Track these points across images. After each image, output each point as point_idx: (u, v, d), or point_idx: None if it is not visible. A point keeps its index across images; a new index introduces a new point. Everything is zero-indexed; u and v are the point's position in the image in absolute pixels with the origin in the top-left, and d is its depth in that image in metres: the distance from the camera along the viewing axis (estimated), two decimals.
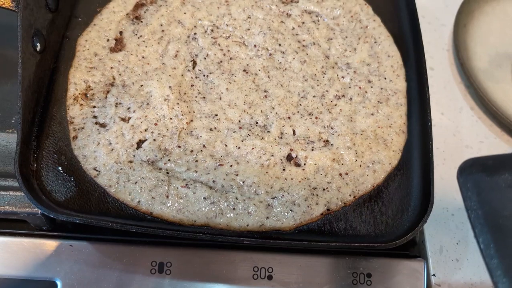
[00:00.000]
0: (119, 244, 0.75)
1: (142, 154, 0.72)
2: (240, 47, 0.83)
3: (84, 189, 0.71)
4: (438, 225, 0.80)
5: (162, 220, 0.69)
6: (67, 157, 0.73)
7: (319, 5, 0.89)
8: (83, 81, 0.78)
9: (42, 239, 0.75)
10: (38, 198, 0.68)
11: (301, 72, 0.81)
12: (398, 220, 0.72)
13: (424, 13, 1.03)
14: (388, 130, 0.77)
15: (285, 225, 0.69)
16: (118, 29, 0.84)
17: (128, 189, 0.70)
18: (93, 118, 0.75)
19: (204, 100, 0.78)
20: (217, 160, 0.73)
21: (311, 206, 0.70)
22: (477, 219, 0.51)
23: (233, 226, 0.68)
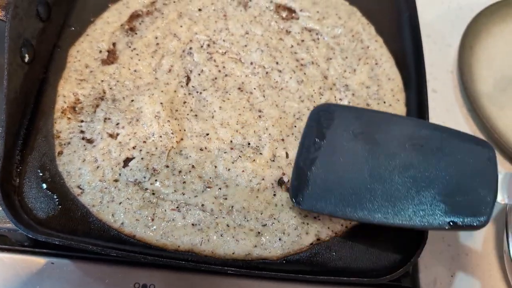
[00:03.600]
0: (102, 264, 0.72)
1: (129, 174, 0.70)
2: (236, 64, 0.81)
3: (67, 207, 0.69)
4: (433, 255, 0.78)
5: (145, 243, 0.66)
6: (51, 173, 0.70)
7: (320, 22, 0.86)
8: (72, 94, 0.76)
9: (23, 255, 0.73)
10: (18, 216, 0.66)
11: (297, 93, 0.79)
12: (390, 254, 0.69)
13: (429, 32, 1.00)
14: None
15: (272, 255, 0.66)
16: (111, 41, 0.82)
17: (112, 210, 0.68)
18: (80, 133, 0.73)
19: (196, 118, 0.75)
20: (206, 182, 0.70)
21: (300, 236, 0.67)
22: None
23: (218, 253, 0.66)
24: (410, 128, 0.67)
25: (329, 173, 0.65)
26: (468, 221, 0.59)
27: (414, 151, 0.65)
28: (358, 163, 0.65)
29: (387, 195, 0.63)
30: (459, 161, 0.63)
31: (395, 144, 0.65)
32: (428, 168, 0.63)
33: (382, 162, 0.64)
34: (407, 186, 0.63)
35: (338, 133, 0.67)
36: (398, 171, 0.64)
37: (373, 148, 0.66)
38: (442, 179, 0.62)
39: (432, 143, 0.65)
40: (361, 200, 0.63)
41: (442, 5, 1.06)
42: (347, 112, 0.70)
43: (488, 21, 0.98)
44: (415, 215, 0.61)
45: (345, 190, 0.64)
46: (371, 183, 0.64)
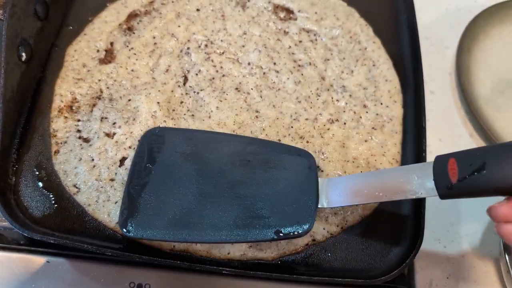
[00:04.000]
0: (98, 263, 0.72)
1: (125, 173, 0.70)
2: (233, 64, 0.81)
3: (63, 206, 0.69)
4: (428, 257, 0.77)
5: (141, 243, 0.66)
6: (47, 172, 0.70)
7: (318, 23, 0.86)
8: (69, 93, 0.76)
9: (19, 253, 0.72)
10: (14, 214, 0.66)
11: (294, 93, 0.79)
12: (386, 254, 0.69)
13: (428, 34, 1.00)
14: (381, 158, 0.74)
15: (267, 255, 0.66)
16: (109, 40, 0.82)
17: (108, 209, 0.68)
18: (77, 132, 0.73)
19: (192, 118, 0.75)
20: None
21: None
22: None
23: (213, 253, 0.66)
24: (238, 145, 0.68)
25: (159, 198, 0.64)
26: (293, 229, 0.61)
27: (242, 167, 0.66)
28: (187, 185, 0.65)
29: (218, 213, 0.62)
30: (284, 172, 0.66)
31: (224, 162, 0.66)
32: (256, 182, 0.65)
33: (211, 181, 0.65)
34: (237, 202, 0.63)
35: (168, 156, 0.67)
36: (228, 188, 0.64)
37: (202, 167, 0.66)
38: (270, 192, 0.64)
39: (258, 158, 0.67)
40: (192, 222, 0.62)
41: (440, 7, 1.06)
42: (176, 134, 0.70)
43: (487, 23, 0.98)
44: (247, 230, 0.61)
45: (175, 213, 0.63)
46: (201, 204, 0.63)
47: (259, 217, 0.62)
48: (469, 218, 0.80)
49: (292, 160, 0.67)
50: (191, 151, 0.68)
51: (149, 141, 0.69)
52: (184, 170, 0.66)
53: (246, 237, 0.61)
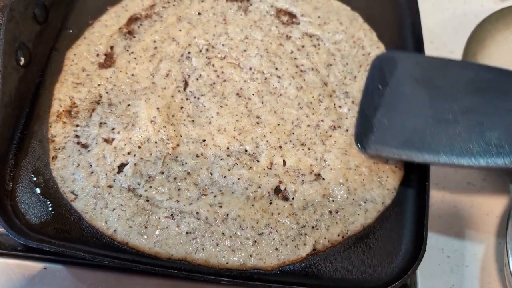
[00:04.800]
0: (95, 270, 0.72)
1: (123, 180, 0.69)
2: (235, 69, 0.80)
3: (60, 213, 0.68)
4: (432, 266, 0.76)
5: (138, 251, 0.65)
6: (45, 178, 0.70)
7: (321, 28, 0.85)
8: (68, 98, 0.75)
9: (16, 259, 0.72)
10: (10, 221, 0.65)
11: (296, 99, 0.78)
12: (388, 265, 0.67)
13: (433, 39, 0.99)
14: (384, 166, 0.73)
15: (267, 265, 0.65)
16: (109, 44, 0.81)
17: (105, 216, 0.67)
18: (75, 138, 0.72)
19: (192, 124, 0.74)
20: (201, 189, 0.69)
21: (298, 247, 0.66)
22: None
23: (212, 262, 0.65)
24: (472, 71, 0.68)
25: (393, 118, 0.67)
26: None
27: (476, 94, 0.66)
28: (421, 108, 0.66)
29: (451, 136, 0.63)
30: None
31: (457, 88, 0.67)
32: (492, 110, 0.64)
33: (445, 106, 0.65)
34: (470, 127, 0.63)
35: (400, 80, 0.69)
36: (461, 114, 0.64)
37: (435, 92, 0.67)
38: (506, 120, 0.63)
39: (495, 86, 0.66)
40: (426, 143, 0.64)
41: (446, 11, 1.04)
42: (408, 59, 0.72)
43: (493, 28, 0.96)
44: (480, 155, 0.61)
45: (409, 134, 0.65)
46: (435, 126, 0.65)
47: (496, 145, 0.61)
48: (473, 228, 0.79)
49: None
50: (423, 76, 0.69)
51: (380, 65, 0.72)
52: (417, 93, 0.67)
53: (480, 162, 0.61)
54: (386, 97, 0.69)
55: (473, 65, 0.71)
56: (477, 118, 0.64)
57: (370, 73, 0.73)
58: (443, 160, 0.63)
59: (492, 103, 0.64)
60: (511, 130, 0.62)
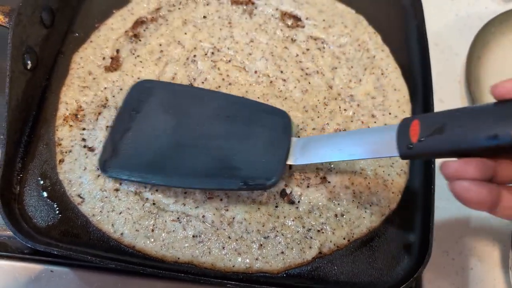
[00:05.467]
0: (102, 273, 0.72)
1: (129, 183, 0.69)
2: (240, 72, 0.80)
3: (67, 216, 0.68)
4: (437, 270, 0.76)
5: (145, 254, 0.66)
6: (52, 181, 0.70)
7: (326, 31, 0.85)
8: (74, 101, 0.75)
9: (23, 262, 0.72)
10: (18, 224, 0.65)
11: (301, 102, 0.78)
12: (393, 268, 0.68)
13: (437, 41, 0.99)
14: (389, 169, 0.73)
15: (273, 268, 0.66)
16: (115, 47, 0.81)
17: (112, 220, 0.67)
18: (82, 141, 0.73)
19: None
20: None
21: (304, 250, 0.66)
22: None
23: (218, 266, 0.65)
24: (219, 101, 0.72)
25: (139, 143, 0.69)
26: (259, 182, 0.64)
27: (221, 121, 0.70)
28: (167, 134, 0.69)
29: (192, 161, 0.67)
30: (260, 129, 0.69)
31: (204, 116, 0.70)
32: (232, 136, 0.68)
33: (190, 132, 0.69)
34: (211, 153, 0.67)
35: (152, 106, 0.71)
36: (204, 140, 0.68)
37: (183, 119, 0.70)
38: (244, 146, 0.67)
39: (238, 115, 0.70)
40: (168, 167, 0.67)
41: (450, 14, 1.04)
42: (163, 87, 0.75)
43: (497, 30, 0.96)
44: (217, 179, 0.66)
45: (153, 158, 0.67)
46: (178, 152, 0.68)
47: (231, 168, 0.65)
48: (478, 230, 0.79)
49: (270, 118, 0.70)
50: (174, 104, 0.72)
51: (138, 90, 0.74)
52: (166, 120, 0.70)
53: (215, 184, 0.66)
54: (136, 122, 0.70)
55: (220, 94, 0.75)
56: (218, 144, 0.68)
57: (126, 98, 0.73)
58: (180, 183, 0.67)
59: (233, 129, 0.69)
60: (247, 155, 0.67)
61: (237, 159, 0.66)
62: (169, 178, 0.66)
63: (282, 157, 0.66)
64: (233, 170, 0.65)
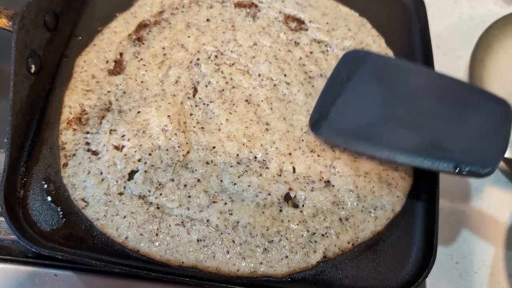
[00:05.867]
0: (106, 276, 0.72)
1: (133, 187, 0.69)
2: (243, 76, 0.80)
3: (71, 220, 0.68)
4: (441, 273, 0.76)
5: (149, 259, 0.66)
6: (56, 185, 0.70)
7: (329, 34, 0.85)
8: (78, 105, 0.75)
9: (27, 266, 0.72)
10: (22, 229, 0.65)
11: (305, 106, 0.78)
12: (398, 272, 0.68)
13: (439, 44, 0.99)
14: (393, 173, 0.73)
15: (277, 272, 0.65)
16: (119, 51, 0.81)
17: (116, 224, 0.67)
18: (86, 145, 0.72)
19: (202, 131, 0.74)
20: (211, 196, 0.69)
21: (308, 254, 0.66)
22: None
23: (223, 270, 0.65)
24: (435, 79, 0.71)
25: (349, 109, 0.70)
26: (473, 168, 0.63)
27: (435, 100, 0.69)
28: (378, 105, 0.69)
29: (402, 134, 0.67)
30: (476, 114, 0.67)
31: (417, 93, 0.70)
32: (446, 117, 0.67)
33: (402, 106, 0.69)
34: (423, 130, 0.66)
35: (364, 76, 0.72)
36: (416, 116, 0.68)
37: (395, 92, 0.70)
38: (458, 129, 0.66)
39: (453, 96, 0.68)
40: (377, 137, 0.67)
41: (453, 16, 1.04)
42: (376, 59, 0.74)
43: (500, 33, 0.96)
44: (425, 157, 0.65)
45: (361, 126, 0.68)
46: (387, 123, 0.68)
47: (443, 149, 0.64)
48: (482, 234, 0.79)
49: (488, 105, 0.67)
50: (386, 76, 0.72)
51: (349, 60, 0.75)
52: (378, 90, 0.70)
53: (427, 163, 0.64)
54: (347, 90, 0.71)
55: (437, 73, 0.72)
56: (429, 122, 0.67)
57: (337, 66, 0.75)
58: (386, 155, 0.66)
59: (447, 111, 0.67)
60: (460, 138, 0.65)
61: (450, 141, 0.65)
62: (378, 146, 0.67)
63: (501, 146, 0.64)
64: (445, 152, 0.64)
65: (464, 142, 0.65)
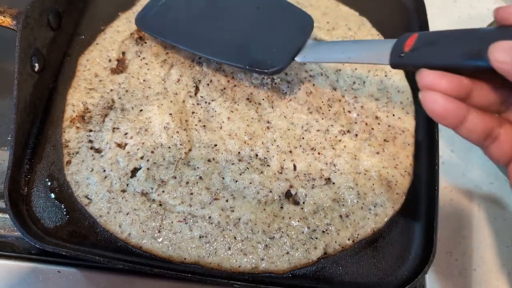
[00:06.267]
0: (109, 273, 0.72)
1: (136, 184, 0.70)
2: (245, 75, 0.80)
3: (75, 217, 0.69)
4: (440, 270, 0.77)
5: (152, 255, 0.66)
6: (59, 182, 0.71)
7: (330, 33, 0.86)
8: (81, 103, 0.76)
9: (30, 262, 0.73)
10: (26, 225, 0.66)
11: (306, 104, 0.79)
12: (398, 268, 0.68)
13: None
14: (393, 171, 0.74)
15: (279, 268, 0.66)
16: (121, 50, 0.82)
17: (119, 220, 0.68)
18: (89, 143, 0.73)
19: (204, 129, 0.75)
20: (213, 193, 0.70)
21: (309, 250, 0.67)
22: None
23: (224, 266, 0.66)
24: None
25: (173, 11, 0.80)
26: (263, 66, 0.71)
27: (251, 10, 0.77)
28: (200, 10, 0.79)
29: (214, 34, 0.77)
30: (283, 25, 0.75)
31: (236, 6, 0.79)
32: (257, 23, 0.76)
33: (221, 12, 0.79)
34: (232, 32, 0.76)
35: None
36: (232, 21, 0.77)
37: (216, 3, 0.80)
38: (264, 33, 0.75)
39: (269, 8, 0.77)
40: (191, 35, 0.77)
41: (452, 15, 1.05)
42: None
43: None
44: (227, 53, 0.74)
45: (182, 25, 0.78)
46: (205, 25, 0.78)
47: (244, 48, 0.74)
48: (482, 231, 0.80)
49: (294, 17, 0.76)
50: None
51: None
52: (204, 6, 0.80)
53: (225, 58, 0.74)
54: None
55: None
56: (244, 27, 0.76)
57: None
58: (201, 51, 0.76)
59: (258, 19, 0.77)
60: (265, 41, 0.74)
61: (252, 43, 0.73)
62: (191, 44, 0.76)
63: (291, 50, 0.71)
64: (245, 50, 0.73)
65: (264, 45, 0.73)
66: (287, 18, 0.76)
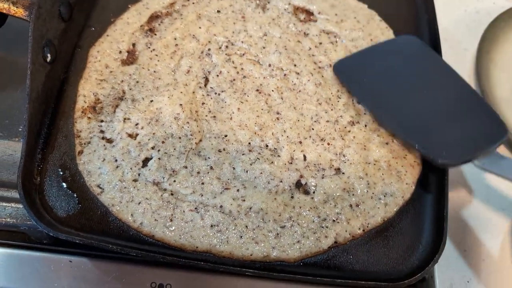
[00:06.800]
0: (120, 263, 0.73)
1: (147, 174, 0.70)
2: (254, 66, 0.81)
3: (87, 206, 0.69)
4: (449, 260, 0.77)
5: (164, 243, 0.67)
6: (71, 172, 0.71)
7: (338, 25, 0.86)
8: (92, 94, 0.76)
9: (42, 252, 0.73)
10: (39, 214, 0.66)
11: (315, 95, 0.79)
12: (408, 258, 0.69)
13: (446, 36, 1.00)
14: (403, 161, 0.74)
15: (290, 257, 0.67)
16: (131, 41, 0.82)
17: (131, 210, 0.68)
18: (100, 133, 0.74)
19: (214, 120, 0.76)
20: (224, 183, 0.71)
21: (319, 239, 0.67)
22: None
23: (236, 254, 0.66)
24: (452, 78, 0.78)
25: (373, 74, 0.80)
26: (437, 154, 0.70)
27: (443, 95, 0.77)
28: (395, 87, 0.79)
29: (402, 110, 0.76)
30: (471, 122, 0.73)
31: (435, 85, 0.78)
32: (445, 111, 0.75)
33: (411, 91, 0.78)
34: (420, 112, 0.75)
35: (402, 59, 0.82)
36: (429, 109, 0.75)
37: (411, 84, 0.79)
38: (448, 124, 0.73)
39: (462, 99, 0.76)
40: (385, 104, 0.77)
41: (459, 9, 1.05)
42: (425, 51, 0.83)
43: (506, 25, 0.97)
44: (404, 131, 0.75)
45: (372, 86, 0.79)
46: (397, 100, 0.77)
47: (424, 128, 0.74)
48: (490, 222, 0.80)
49: (487, 119, 0.73)
50: (419, 62, 0.82)
51: (406, 42, 0.84)
52: (405, 71, 0.81)
53: (400, 135, 0.76)
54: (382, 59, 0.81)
55: (459, 78, 0.79)
56: (429, 109, 0.76)
57: (391, 41, 0.84)
58: (387, 121, 0.77)
59: (449, 108, 0.75)
60: (443, 132, 0.72)
61: (434, 126, 0.73)
62: (384, 114, 0.77)
63: (471, 152, 0.70)
64: (422, 129, 0.73)
65: (445, 134, 0.72)
66: (478, 117, 0.74)
